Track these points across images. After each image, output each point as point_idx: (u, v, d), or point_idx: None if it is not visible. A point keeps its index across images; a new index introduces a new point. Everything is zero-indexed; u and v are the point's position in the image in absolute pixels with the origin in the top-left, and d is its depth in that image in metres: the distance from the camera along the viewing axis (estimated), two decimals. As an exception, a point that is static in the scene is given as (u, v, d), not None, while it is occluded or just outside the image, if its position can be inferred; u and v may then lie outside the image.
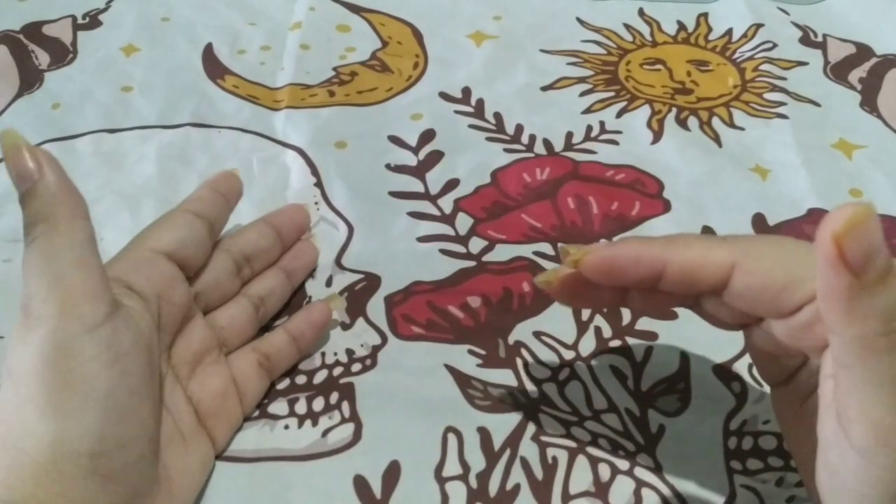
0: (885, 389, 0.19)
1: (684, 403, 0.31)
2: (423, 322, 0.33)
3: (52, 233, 0.23)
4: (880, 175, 0.40)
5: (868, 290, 0.18)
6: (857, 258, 0.17)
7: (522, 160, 0.41)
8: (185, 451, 0.26)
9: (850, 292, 0.18)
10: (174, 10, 0.50)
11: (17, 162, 0.23)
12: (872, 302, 0.18)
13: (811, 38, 0.50)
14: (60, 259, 0.22)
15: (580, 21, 0.51)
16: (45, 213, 0.23)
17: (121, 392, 0.23)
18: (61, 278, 0.22)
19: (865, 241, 0.17)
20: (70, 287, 0.22)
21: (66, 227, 0.23)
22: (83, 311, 0.22)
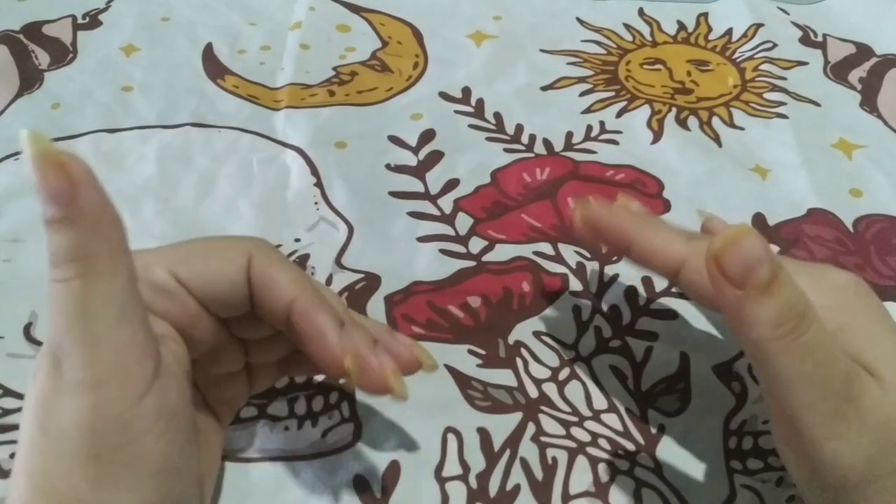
0: (793, 387, 0.21)
1: (684, 403, 0.31)
2: (423, 322, 0.33)
3: (90, 277, 0.19)
4: (880, 175, 0.40)
5: (753, 300, 0.20)
6: (735, 273, 0.20)
7: (522, 160, 0.41)
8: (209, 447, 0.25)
9: (737, 303, 0.20)
10: (174, 10, 0.50)
11: (46, 177, 0.18)
12: (758, 311, 0.20)
13: (811, 38, 0.50)
14: (101, 314, 0.19)
15: (580, 21, 0.51)
16: (81, 251, 0.18)
17: (174, 455, 0.21)
18: (102, 339, 0.19)
19: (743, 257, 0.20)
20: (114, 350, 0.19)
21: (107, 270, 0.19)
22: (131, 378, 0.19)
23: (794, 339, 0.20)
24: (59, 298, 0.19)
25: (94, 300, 0.19)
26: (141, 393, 0.19)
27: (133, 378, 0.19)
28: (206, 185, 0.39)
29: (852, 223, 0.38)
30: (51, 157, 0.18)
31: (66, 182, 0.18)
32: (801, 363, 0.20)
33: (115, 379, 0.19)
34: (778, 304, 0.20)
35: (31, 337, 0.32)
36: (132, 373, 0.19)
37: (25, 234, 0.36)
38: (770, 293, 0.20)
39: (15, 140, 0.40)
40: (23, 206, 0.37)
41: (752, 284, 0.20)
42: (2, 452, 0.28)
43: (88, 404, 0.19)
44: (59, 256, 0.18)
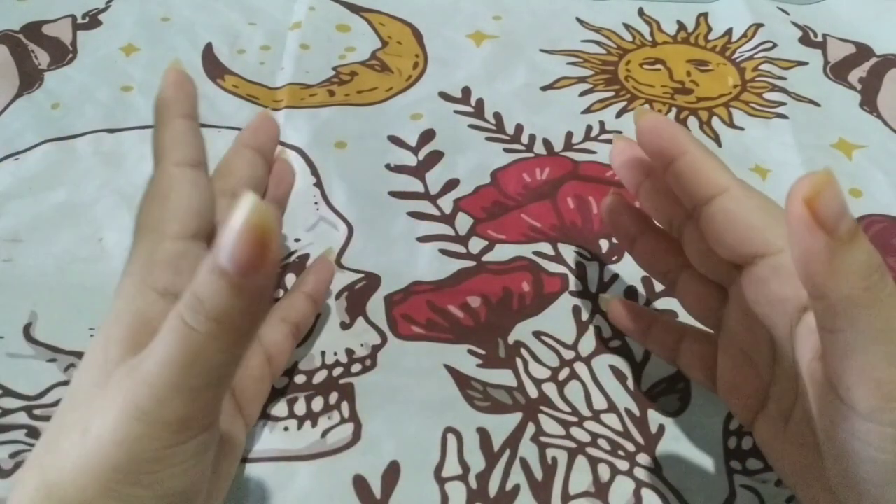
0: (880, 344, 0.19)
1: (684, 403, 0.31)
2: (422, 322, 0.33)
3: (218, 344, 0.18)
4: (880, 175, 0.40)
5: (843, 247, 0.18)
6: (828, 218, 0.18)
7: (522, 160, 0.41)
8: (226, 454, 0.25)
9: (828, 252, 0.19)
10: (174, 10, 0.50)
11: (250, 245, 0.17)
12: (849, 258, 0.19)
13: (811, 38, 0.50)
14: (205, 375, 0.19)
15: (580, 21, 0.51)
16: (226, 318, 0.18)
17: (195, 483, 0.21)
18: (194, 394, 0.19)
19: (833, 202, 0.18)
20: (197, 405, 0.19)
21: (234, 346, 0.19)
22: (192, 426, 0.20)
23: (884, 289, 0.19)
24: (177, 339, 0.18)
25: (207, 363, 0.19)
26: (190, 438, 0.20)
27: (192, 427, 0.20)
28: (206, 185, 0.39)
29: (852, 223, 0.38)
30: (267, 233, 0.17)
31: (261, 260, 0.17)
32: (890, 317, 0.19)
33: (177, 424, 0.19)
34: (866, 253, 0.19)
35: (30, 337, 0.32)
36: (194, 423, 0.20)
37: (25, 234, 0.36)
38: (856, 242, 0.19)
39: (15, 140, 0.40)
40: (23, 206, 0.37)
41: (844, 230, 0.18)
42: (2, 452, 0.28)
43: (140, 433, 0.19)
44: (204, 307, 0.18)
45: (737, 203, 0.24)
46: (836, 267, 0.19)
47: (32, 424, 0.29)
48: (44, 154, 0.40)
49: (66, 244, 0.35)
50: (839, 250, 0.18)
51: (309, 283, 0.32)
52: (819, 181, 0.19)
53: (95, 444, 0.19)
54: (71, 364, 0.31)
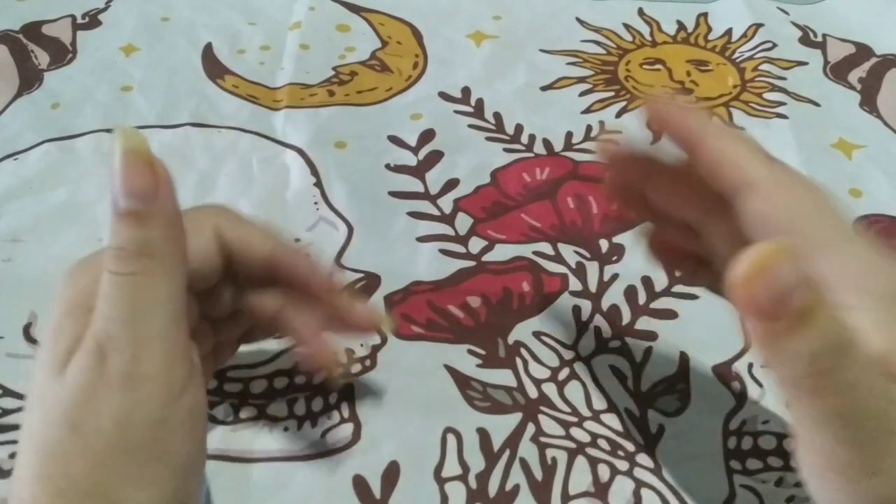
0: (819, 424, 0.18)
1: (684, 403, 0.31)
2: (422, 322, 0.33)
3: (155, 276, 0.19)
4: (880, 175, 0.40)
5: (786, 332, 0.17)
6: (767, 303, 0.16)
7: (522, 160, 0.41)
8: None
9: (768, 336, 0.17)
10: (174, 9, 0.50)
11: (134, 172, 0.19)
12: (793, 345, 0.17)
13: (811, 38, 0.50)
14: (159, 312, 0.19)
15: (580, 21, 0.51)
16: (150, 249, 0.19)
17: (196, 451, 0.21)
18: (155, 337, 0.19)
19: (774, 286, 0.16)
20: (163, 349, 0.19)
21: (171, 272, 0.19)
22: (173, 377, 0.20)
23: (835, 375, 0.17)
24: (118, 291, 0.19)
25: (155, 299, 0.19)
26: (179, 392, 0.20)
27: (175, 377, 0.20)
28: (206, 185, 0.39)
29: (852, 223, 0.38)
30: (142, 154, 0.19)
31: (151, 180, 0.19)
32: (841, 401, 0.17)
33: (160, 377, 0.19)
34: (816, 338, 0.17)
35: (30, 337, 0.32)
36: (174, 372, 0.20)
37: (25, 234, 0.36)
38: (806, 324, 0.17)
39: (15, 139, 0.40)
40: (23, 206, 0.37)
41: (787, 315, 0.17)
42: (1, 452, 0.28)
43: (131, 400, 0.19)
44: (127, 250, 0.19)
45: (767, 204, 0.21)
46: (776, 352, 0.17)
47: (32, 424, 0.29)
48: (44, 154, 0.40)
49: (66, 244, 0.35)
50: (781, 335, 0.17)
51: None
52: (758, 262, 0.16)
53: (95, 435, 0.19)
54: (71, 364, 0.31)
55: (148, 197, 0.19)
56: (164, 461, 0.20)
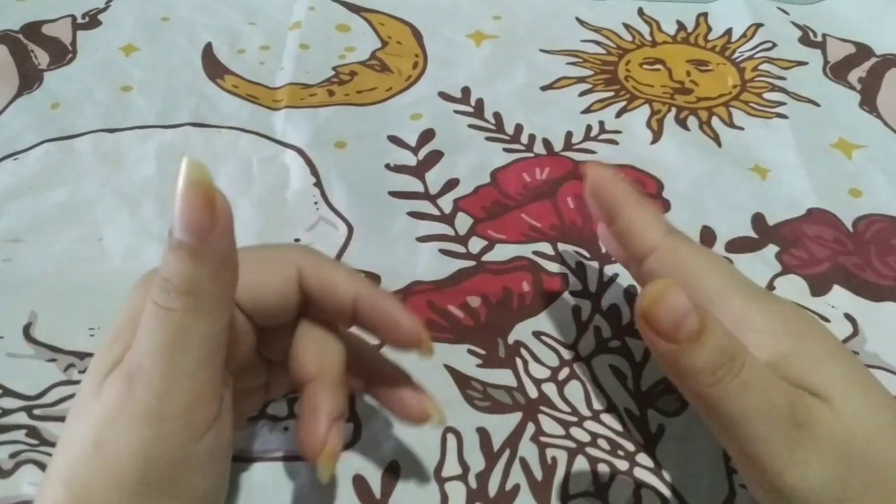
0: (732, 426, 0.21)
1: (684, 403, 0.31)
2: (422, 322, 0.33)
3: (195, 314, 0.19)
4: (880, 175, 0.40)
5: (686, 351, 0.21)
6: (666, 328, 0.21)
7: (522, 160, 0.41)
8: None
9: (672, 356, 0.21)
10: (174, 9, 0.50)
11: (194, 206, 0.18)
12: (693, 360, 0.21)
13: (811, 38, 0.50)
14: (193, 352, 0.19)
15: (580, 21, 0.51)
16: (196, 286, 0.19)
17: (217, 488, 0.22)
18: (186, 376, 0.19)
19: (669, 313, 0.21)
20: (192, 389, 0.19)
21: (213, 314, 0.19)
22: (197, 418, 0.20)
23: (732, 380, 0.21)
24: (156, 324, 0.19)
25: (191, 338, 0.19)
26: (202, 433, 0.20)
27: (199, 418, 0.19)
28: (206, 185, 0.39)
29: (852, 223, 0.38)
30: (205, 189, 0.18)
31: (209, 218, 0.18)
32: (744, 400, 0.21)
33: (183, 417, 0.19)
34: (710, 351, 0.21)
35: (30, 337, 0.32)
36: (199, 413, 0.19)
37: (25, 234, 0.36)
38: (701, 342, 0.21)
39: (15, 140, 0.40)
40: (23, 206, 0.37)
41: (683, 337, 0.21)
42: (1, 452, 0.28)
43: (151, 436, 0.19)
44: (173, 283, 0.18)
45: (661, 263, 0.25)
46: (681, 369, 0.21)
47: (32, 424, 0.29)
48: (44, 154, 0.40)
49: (66, 244, 0.35)
50: (682, 355, 0.21)
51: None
52: (653, 295, 0.21)
53: (114, 459, 0.19)
54: (71, 364, 0.31)
55: (203, 233, 0.18)
56: (179, 498, 0.20)
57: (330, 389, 0.23)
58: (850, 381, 0.22)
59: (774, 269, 0.35)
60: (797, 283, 0.35)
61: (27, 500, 0.27)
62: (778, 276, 0.35)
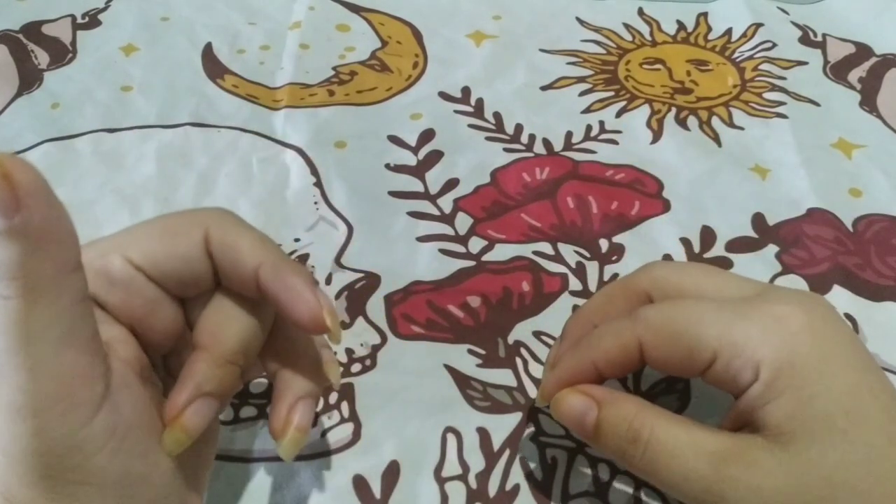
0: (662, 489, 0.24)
1: (684, 403, 0.30)
2: (422, 321, 0.33)
3: (31, 298, 0.17)
4: (880, 174, 0.40)
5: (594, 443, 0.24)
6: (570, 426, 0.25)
7: (522, 160, 0.41)
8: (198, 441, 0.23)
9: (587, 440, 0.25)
10: (174, 9, 0.50)
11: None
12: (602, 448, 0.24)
13: (811, 38, 0.50)
14: (42, 337, 0.17)
15: (580, 21, 0.51)
16: (22, 269, 0.17)
17: (135, 465, 0.20)
18: (42, 365, 0.17)
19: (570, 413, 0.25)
20: (55, 376, 0.18)
21: (49, 292, 0.17)
22: (75, 403, 0.18)
23: (641, 458, 0.23)
24: (1, 321, 0.17)
25: (34, 323, 0.17)
26: (88, 416, 0.18)
27: (78, 402, 0.18)
28: (206, 185, 0.39)
29: (852, 223, 0.38)
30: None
31: (9, 194, 0.16)
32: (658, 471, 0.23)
33: (57, 405, 0.18)
34: (610, 440, 0.24)
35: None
36: (77, 397, 0.18)
37: (25, 233, 0.36)
38: (601, 433, 0.24)
39: (15, 140, 0.40)
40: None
41: (587, 433, 0.24)
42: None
43: (29, 430, 0.18)
44: (3, 273, 0.17)
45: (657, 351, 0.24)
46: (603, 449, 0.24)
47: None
48: (44, 154, 0.40)
49: (66, 244, 0.35)
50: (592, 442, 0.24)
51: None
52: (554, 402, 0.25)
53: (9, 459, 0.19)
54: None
55: (9, 212, 0.16)
56: (90, 483, 0.19)
57: (209, 362, 0.22)
58: (831, 419, 0.21)
59: (774, 268, 0.35)
60: (797, 283, 0.35)
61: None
62: (778, 276, 0.35)
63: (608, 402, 0.24)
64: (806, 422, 0.21)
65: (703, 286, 0.25)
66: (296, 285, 0.22)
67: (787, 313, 0.23)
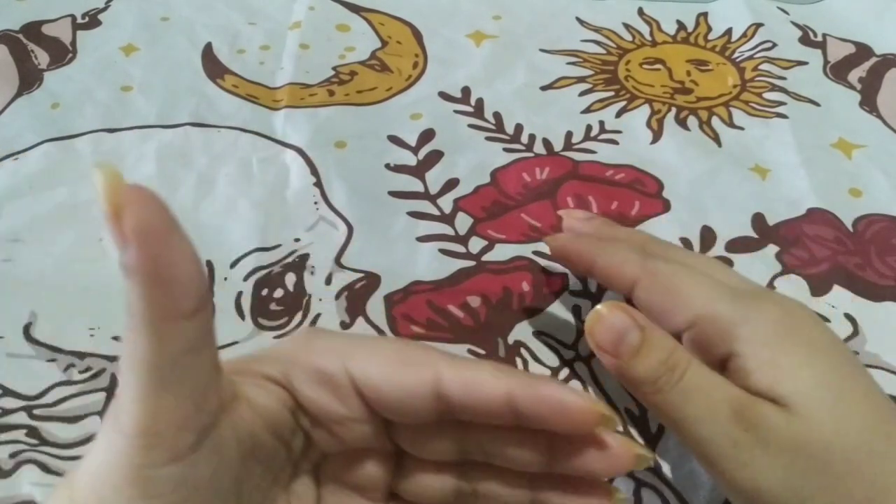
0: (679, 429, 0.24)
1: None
2: (422, 321, 0.33)
3: (140, 335, 0.17)
4: (880, 174, 0.40)
5: (628, 364, 0.24)
6: (607, 345, 0.24)
7: (522, 160, 0.41)
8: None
9: (618, 369, 0.24)
10: (174, 9, 0.50)
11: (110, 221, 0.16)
12: (635, 372, 0.24)
13: (811, 38, 0.50)
14: (149, 373, 0.18)
15: (580, 21, 0.51)
16: (134, 307, 0.17)
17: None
18: (146, 398, 0.18)
19: (610, 330, 0.24)
20: (154, 413, 0.18)
21: (154, 335, 0.17)
22: (160, 442, 0.18)
23: (673, 388, 0.23)
24: (124, 354, 0.18)
25: (143, 359, 0.18)
26: (163, 460, 0.19)
27: (161, 444, 0.18)
28: (206, 185, 0.39)
29: (852, 223, 0.38)
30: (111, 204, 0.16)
31: (118, 230, 0.16)
32: (685, 406, 0.23)
33: (141, 438, 0.18)
34: (650, 363, 0.23)
35: (30, 337, 0.32)
36: (161, 438, 0.18)
37: (25, 234, 0.36)
38: (641, 355, 0.23)
39: (15, 140, 0.40)
40: (23, 206, 0.37)
41: (624, 352, 0.23)
42: (1, 452, 0.28)
43: (116, 447, 0.18)
44: (127, 302, 0.17)
45: (645, 294, 0.27)
46: (626, 380, 0.24)
47: (32, 424, 0.29)
48: (44, 154, 0.40)
49: (66, 244, 0.35)
50: (625, 368, 0.24)
51: None
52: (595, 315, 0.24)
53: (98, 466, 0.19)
54: (71, 364, 0.31)
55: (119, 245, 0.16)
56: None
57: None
58: (820, 389, 0.23)
59: (774, 268, 0.35)
60: (797, 282, 0.35)
61: (27, 500, 0.27)
62: (778, 276, 0.35)
63: (651, 328, 0.24)
64: (801, 388, 0.23)
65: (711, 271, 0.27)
66: (559, 394, 0.21)
67: (769, 307, 0.25)
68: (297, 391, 0.22)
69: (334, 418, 0.22)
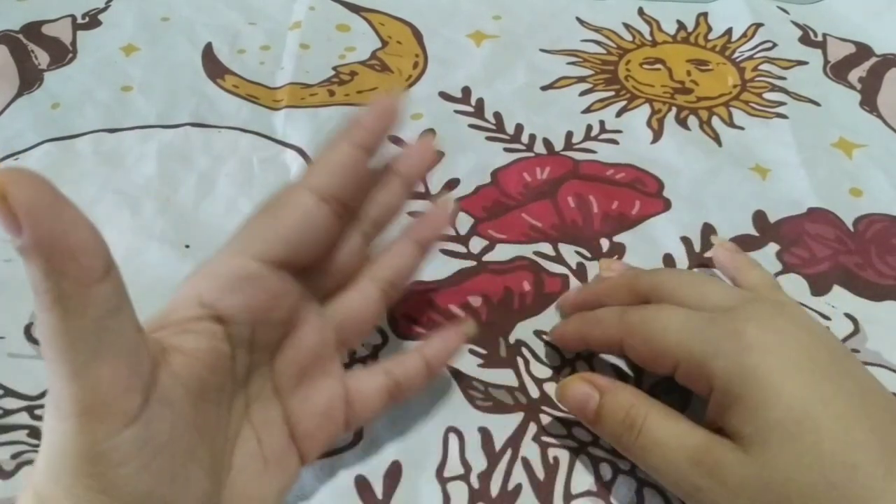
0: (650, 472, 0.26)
1: (685, 403, 0.30)
2: (423, 321, 0.33)
3: (58, 310, 0.17)
4: (880, 174, 0.40)
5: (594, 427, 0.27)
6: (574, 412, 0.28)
7: (522, 160, 0.41)
8: (262, 476, 0.24)
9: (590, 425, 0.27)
10: (174, 9, 0.50)
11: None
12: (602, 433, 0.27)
13: (811, 38, 0.50)
14: (75, 347, 0.18)
15: (580, 21, 0.51)
16: (45, 283, 0.17)
17: (162, 485, 0.20)
18: (79, 373, 0.18)
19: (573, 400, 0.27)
20: (89, 385, 0.18)
21: (73, 304, 0.17)
22: (108, 410, 0.18)
23: (633, 444, 0.25)
24: (41, 333, 0.18)
25: (66, 334, 0.18)
26: (118, 427, 0.19)
27: (109, 412, 0.18)
28: (207, 185, 0.39)
29: (852, 222, 0.38)
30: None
31: (7, 214, 0.16)
32: (647, 458, 0.25)
33: (88, 412, 0.18)
34: (609, 425, 0.26)
35: (31, 337, 0.32)
36: (109, 407, 0.18)
37: (25, 234, 0.36)
38: (601, 418, 0.26)
39: (15, 140, 0.40)
40: (23, 206, 0.37)
41: (587, 418, 0.27)
42: (2, 453, 0.28)
43: (64, 431, 0.18)
44: (33, 286, 0.17)
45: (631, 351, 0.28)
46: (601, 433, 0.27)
47: (34, 425, 0.29)
48: (44, 154, 0.40)
49: (67, 244, 0.35)
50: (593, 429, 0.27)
51: (432, 346, 0.28)
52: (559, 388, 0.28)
53: (47, 457, 0.19)
54: (72, 364, 0.31)
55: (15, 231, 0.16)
56: (110, 495, 0.19)
57: None
58: (780, 427, 0.23)
59: (775, 267, 0.35)
60: (798, 282, 0.35)
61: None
62: (778, 275, 0.35)
63: (609, 391, 0.27)
64: (760, 429, 0.23)
65: (688, 295, 0.27)
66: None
67: (742, 329, 0.24)
68: (221, 308, 0.23)
69: (265, 306, 0.24)
